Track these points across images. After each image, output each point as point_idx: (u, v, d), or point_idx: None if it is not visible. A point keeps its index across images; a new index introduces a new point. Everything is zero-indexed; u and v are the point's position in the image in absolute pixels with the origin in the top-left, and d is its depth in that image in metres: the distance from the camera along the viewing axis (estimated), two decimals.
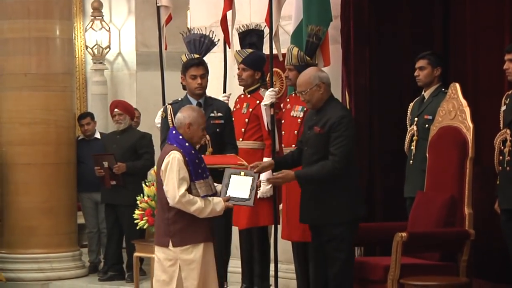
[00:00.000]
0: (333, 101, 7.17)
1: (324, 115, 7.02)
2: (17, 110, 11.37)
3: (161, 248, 6.72)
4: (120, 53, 13.55)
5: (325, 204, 6.92)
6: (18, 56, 11.45)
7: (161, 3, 9.88)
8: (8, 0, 11.48)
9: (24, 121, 11.28)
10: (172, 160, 6.55)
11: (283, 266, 8.64)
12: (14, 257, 11.21)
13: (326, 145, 6.93)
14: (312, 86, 7.02)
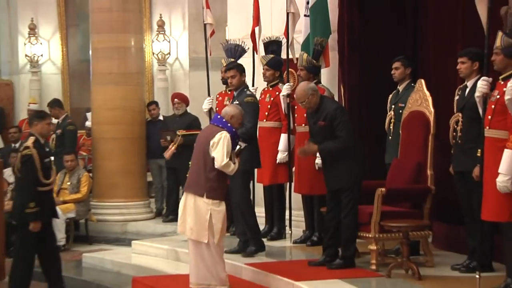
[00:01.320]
0: (324, 99, 7.25)
1: (322, 111, 7.07)
2: (104, 99, 11.43)
3: (194, 196, 6.68)
4: (177, 58, 13.57)
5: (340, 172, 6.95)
6: (104, 60, 11.50)
7: (207, 21, 9.84)
8: (97, 21, 11.52)
9: (109, 107, 11.34)
10: (224, 137, 6.64)
11: (294, 212, 8.58)
12: (102, 205, 11.29)
13: (330, 133, 6.98)
14: (308, 96, 7.08)
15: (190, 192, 6.75)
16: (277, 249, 8.17)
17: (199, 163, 6.78)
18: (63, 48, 14.40)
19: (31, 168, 7.22)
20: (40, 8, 14.29)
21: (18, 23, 14.32)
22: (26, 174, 7.27)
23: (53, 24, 14.33)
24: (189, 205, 6.71)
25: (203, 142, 6.80)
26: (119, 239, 10.67)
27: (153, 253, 8.80)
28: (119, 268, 8.55)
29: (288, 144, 8.46)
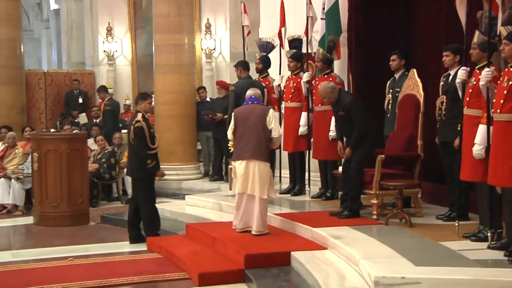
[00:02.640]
0: (342, 93, 7.19)
1: (341, 103, 7.04)
2: (164, 85, 11.42)
3: (256, 161, 6.59)
4: (220, 52, 13.49)
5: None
6: (164, 54, 11.48)
7: (244, 23, 9.84)
8: (159, 23, 11.50)
9: (167, 91, 11.35)
10: (272, 112, 6.79)
11: (312, 174, 8.55)
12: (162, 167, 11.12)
13: (348, 120, 6.96)
14: (328, 93, 7.05)
15: (254, 159, 6.60)
16: (299, 203, 8.16)
17: (259, 135, 6.64)
18: (133, 45, 14.40)
19: (143, 137, 7.31)
20: (115, 14, 14.30)
21: (98, 25, 14.35)
22: (139, 142, 7.32)
23: (125, 26, 14.34)
24: (252, 169, 6.59)
25: (259, 117, 6.68)
26: (175, 194, 10.71)
27: (202, 205, 8.82)
28: (176, 217, 8.57)
29: (307, 120, 8.41)
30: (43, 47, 24.75)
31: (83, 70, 15.30)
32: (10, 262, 6.84)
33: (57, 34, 20.60)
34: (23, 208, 9.65)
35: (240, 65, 8.87)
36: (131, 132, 7.40)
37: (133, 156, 7.57)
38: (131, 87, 14.38)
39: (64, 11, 18.01)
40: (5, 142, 10.45)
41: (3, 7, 12.21)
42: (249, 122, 6.71)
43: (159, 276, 6.18)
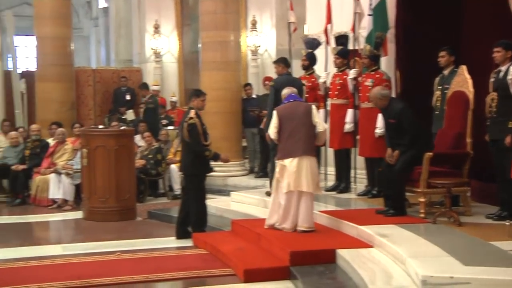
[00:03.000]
0: (392, 100, 7.07)
1: (391, 111, 6.94)
2: (209, 82, 11.45)
3: (308, 157, 6.66)
4: (266, 49, 13.49)
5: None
6: (210, 51, 11.53)
7: (291, 20, 9.81)
8: (205, 21, 11.55)
9: (213, 88, 11.33)
10: (315, 108, 6.91)
11: (358, 171, 8.50)
12: None
13: (398, 128, 6.83)
14: (377, 99, 7.00)
15: (305, 155, 6.65)
16: (345, 200, 8.10)
17: (309, 132, 6.71)
18: (179, 42, 14.54)
19: (197, 133, 7.36)
20: (162, 11, 14.47)
21: (146, 23, 14.54)
22: (194, 138, 7.37)
23: (172, 24, 14.49)
24: (305, 166, 6.62)
25: (304, 114, 6.74)
26: (221, 190, 10.74)
27: (247, 202, 8.83)
28: (221, 213, 8.61)
29: (353, 117, 8.35)
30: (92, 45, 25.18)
31: (130, 67, 15.52)
32: (61, 255, 6.99)
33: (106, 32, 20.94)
34: (72, 203, 9.83)
35: (281, 61, 8.79)
36: (184, 129, 7.43)
37: (186, 152, 7.61)
38: (177, 84, 14.53)
39: (113, 9, 18.30)
40: (55, 138, 10.66)
41: (54, 5, 12.46)
42: (295, 119, 6.73)
43: (205, 272, 6.22)
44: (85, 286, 5.81)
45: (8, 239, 7.88)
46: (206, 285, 6.03)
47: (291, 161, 6.65)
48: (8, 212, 9.73)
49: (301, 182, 6.62)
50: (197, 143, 7.42)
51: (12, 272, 6.24)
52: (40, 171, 10.17)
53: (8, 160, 10.54)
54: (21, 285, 5.75)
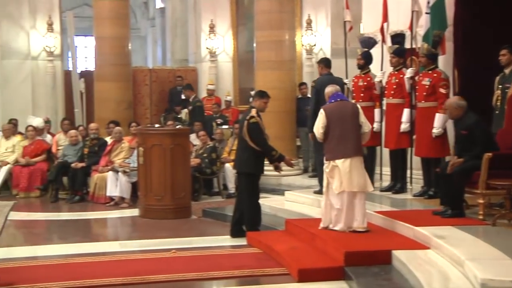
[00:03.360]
0: (468, 112, 6.88)
1: (464, 122, 6.86)
2: (264, 81, 11.42)
3: (359, 157, 6.72)
4: (321, 48, 13.42)
5: None
6: (265, 51, 11.55)
7: (346, 19, 9.73)
8: (260, 20, 11.58)
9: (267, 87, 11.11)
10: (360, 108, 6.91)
11: (414, 171, 8.37)
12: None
13: (469, 140, 6.74)
14: (453, 108, 6.93)
15: (356, 155, 6.68)
16: (400, 201, 8.00)
17: (357, 131, 6.75)
18: (234, 42, 14.61)
19: (259, 131, 7.39)
20: (217, 11, 14.57)
21: (202, 23, 14.66)
22: (257, 136, 7.39)
23: (227, 24, 14.57)
24: (355, 165, 6.64)
25: (353, 114, 6.76)
26: (275, 189, 10.73)
27: (301, 201, 8.81)
28: (275, 212, 8.62)
29: (410, 116, 8.23)
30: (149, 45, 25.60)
31: (186, 66, 15.70)
32: (118, 252, 7.13)
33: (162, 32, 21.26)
34: (129, 200, 10.00)
35: (322, 62, 8.92)
36: (244, 127, 7.46)
37: (242, 150, 7.63)
38: (232, 83, 14.60)
39: (169, 9, 18.56)
40: (112, 136, 10.87)
41: (113, 6, 12.71)
42: (344, 119, 6.73)
43: (259, 271, 6.23)
44: (141, 282, 5.90)
45: (68, 235, 8.09)
46: (260, 284, 6.04)
47: (344, 161, 6.62)
48: (68, 209, 9.97)
49: (353, 183, 6.60)
50: (263, 141, 7.42)
51: (71, 267, 6.39)
52: (98, 169, 10.39)
53: (68, 158, 10.81)
54: (80, 280, 5.88)
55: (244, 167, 7.61)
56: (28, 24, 13.41)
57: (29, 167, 10.96)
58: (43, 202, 10.52)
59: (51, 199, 10.50)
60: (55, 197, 10.51)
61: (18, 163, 11.10)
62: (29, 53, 13.44)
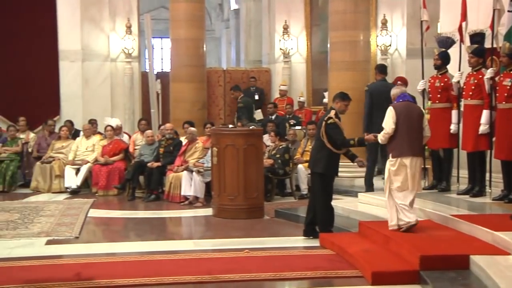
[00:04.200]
0: None
1: None
2: (337, 81, 11.35)
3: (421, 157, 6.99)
4: (396, 49, 13.27)
5: None
6: (339, 51, 11.46)
7: (423, 18, 9.53)
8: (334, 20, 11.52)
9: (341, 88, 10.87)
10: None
11: (494, 174, 8.12)
12: None
13: None
14: None
15: (420, 155, 6.90)
16: (478, 205, 7.77)
17: (421, 133, 6.90)
18: (308, 42, 14.59)
19: (338, 131, 7.40)
20: (291, 12, 14.60)
21: (275, 24, 14.72)
22: (336, 136, 7.40)
23: (301, 24, 14.57)
24: (419, 166, 6.84)
25: (419, 116, 6.92)
26: (348, 191, 10.65)
27: (375, 203, 8.70)
28: (348, 214, 8.54)
29: (489, 118, 7.99)
30: (223, 46, 25.88)
31: (259, 67, 15.78)
32: (192, 250, 7.23)
33: (236, 33, 21.45)
34: (203, 200, 10.14)
35: (377, 68, 9.27)
36: (322, 128, 7.45)
37: (318, 151, 7.60)
38: (305, 84, 14.58)
39: (243, 10, 18.70)
40: (187, 137, 11.05)
41: (189, 8, 12.93)
42: (412, 119, 6.88)
43: (332, 273, 6.20)
44: (215, 281, 5.97)
45: (144, 233, 8.28)
46: (333, 286, 6.01)
47: (412, 160, 6.75)
48: (144, 207, 10.20)
49: (416, 181, 6.77)
50: (343, 139, 7.42)
51: (147, 264, 6.54)
52: (173, 169, 10.58)
53: (144, 158, 11.06)
54: (156, 277, 6.01)
55: (319, 167, 7.58)
56: (108, 27, 13.83)
57: (108, 166, 11.29)
58: (121, 200, 10.81)
59: (128, 198, 10.78)
60: (132, 196, 10.79)
61: (98, 162, 11.45)
62: (108, 55, 13.86)
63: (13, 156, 11.73)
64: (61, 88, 13.47)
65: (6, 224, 8.49)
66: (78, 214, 9.23)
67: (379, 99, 9.37)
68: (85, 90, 13.61)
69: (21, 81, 13.19)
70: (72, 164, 11.45)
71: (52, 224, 8.46)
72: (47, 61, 13.31)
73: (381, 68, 9.25)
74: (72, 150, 11.65)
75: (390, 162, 6.83)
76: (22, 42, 13.18)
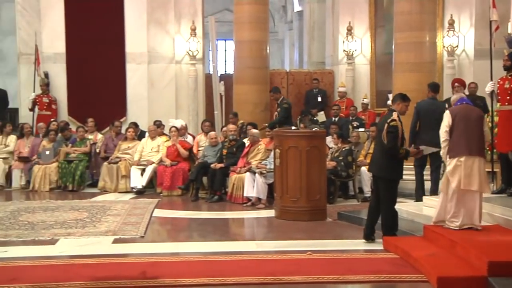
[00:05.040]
0: None
1: None
2: (402, 83, 11.17)
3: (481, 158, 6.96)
4: (464, 50, 13.01)
5: None
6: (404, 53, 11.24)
7: (493, 18, 9.31)
8: (399, 21, 11.30)
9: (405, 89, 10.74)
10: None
11: None
12: None
13: None
14: None
15: (478, 155, 6.92)
16: None
17: (481, 134, 6.99)
18: (372, 44, 14.46)
19: (394, 136, 7.29)
20: (356, 14, 14.51)
21: (339, 25, 14.66)
22: (389, 139, 7.32)
23: (365, 26, 14.46)
24: (477, 165, 6.87)
25: (479, 118, 7.04)
26: (412, 194, 10.44)
27: None
28: (412, 217, 8.41)
29: None
30: (286, 48, 25.92)
31: (322, 69, 15.74)
32: (254, 251, 7.28)
33: (299, 35, 21.45)
34: (265, 201, 10.17)
35: (430, 86, 9.48)
36: (384, 130, 7.39)
37: (381, 154, 7.54)
38: (369, 86, 14.45)
39: (307, 12, 18.68)
40: (249, 138, 11.11)
41: (253, 11, 13.02)
42: (470, 118, 6.97)
43: (396, 277, 6.12)
44: (277, 282, 5.99)
45: (207, 233, 8.37)
46: None
47: (466, 159, 6.85)
48: (207, 208, 10.31)
49: (473, 181, 6.80)
50: (394, 144, 7.31)
51: (210, 264, 6.61)
52: (236, 170, 10.66)
53: (208, 159, 11.19)
54: (219, 277, 6.08)
55: (384, 172, 7.48)
56: (173, 29, 14.07)
57: (172, 167, 11.46)
58: (184, 201, 10.96)
59: (192, 198, 10.92)
60: (195, 196, 10.93)
61: (162, 162, 11.65)
62: (173, 57, 14.09)
63: (82, 157, 12.07)
64: (128, 90, 13.81)
65: (75, 222, 8.75)
66: (143, 213, 9.42)
67: (426, 117, 9.23)
68: (150, 91, 13.89)
69: (91, 84, 13.63)
70: (137, 164, 11.69)
71: (118, 223, 8.66)
72: (115, 64, 13.68)
73: (434, 87, 9.35)
74: (137, 151, 11.90)
75: (447, 163, 7.04)
76: (93, 47, 13.62)
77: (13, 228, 8.39)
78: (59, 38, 13.68)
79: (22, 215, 9.26)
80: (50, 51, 13.75)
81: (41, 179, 11.73)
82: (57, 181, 11.81)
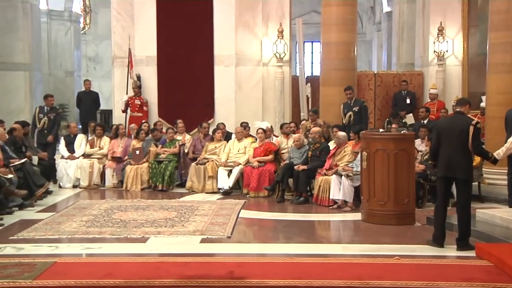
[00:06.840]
0: None
1: None
2: (497, 85, 10.79)
3: None
4: None
5: None
6: (499, 53, 10.85)
7: None
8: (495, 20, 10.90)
9: (500, 91, 10.72)
10: None
11: None
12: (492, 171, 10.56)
13: None
14: None
15: None
16: None
17: None
18: (464, 44, 14.07)
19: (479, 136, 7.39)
20: (447, 14, 14.16)
21: (430, 26, 14.36)
22: (478, 141, 7.36)
23: (457, 26, 14.08)
24: None
25: None
26: (507, 200, 10.08)
27: None
28: (507, 224, 8.09)
29: None
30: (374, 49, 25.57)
31: (411, 71, 15.44)
32: (341, 255, 7.22)
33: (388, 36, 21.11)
34: (352, 204, 10.07)
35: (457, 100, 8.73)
36: (470, 132, 7.24)
37: (462, 155, 7.33)
38: (460, 87, 14.06)
39: (396, 13, 18.39)
40: (334, 141, 11.03)
41: (341, 12, 12.93)
42: None
43: (490, 285, 5.92)
44: (364, 286, 5.92)
45: (292, 235, 8.37)
46: None
47: None
48: (293, 209, 10.31)
49: None
50: (481, 146, 7.31)
51: (296, 266, 6.62)
52: (321, 172, 10.61)
53: (294, 160, 11.20)
54: (306, 279, 6.07)
55: (464, 173, 7.35)
56: (261, 32, 14.18)
57: (259, 168, 11.54)
58: (270, 202, 11.00)
59: (277, 199, 10.96)
60: (281, 198, 10.96)
61: (249, 163, 11.75)
62: (260, 59, 14.20)
63: (171, 157, 12.34)
64: (216, 92, 14.03)
65: (164, 221, 8.97)
66: (230, 214, 9.53)
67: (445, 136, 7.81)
68: (238, 93, 14.06)
69: (180, 86, 13.97)
70: (224, 165, 11.85)
71: (206, 223, 8.81)
72: (204, 66, 13.95)
73: (460, 101, 8.59)
74: (224, 152, 12.06)
75: None
76: (183, 49, 13.96)
77: (107, 225, 8.70)
78: (151, 42, 14.08)
79: (115, 213, 9.59)
80: (142, 54, 14.17)
81: (133, 179, 12.10)
82: (148, 181, 12.15)
